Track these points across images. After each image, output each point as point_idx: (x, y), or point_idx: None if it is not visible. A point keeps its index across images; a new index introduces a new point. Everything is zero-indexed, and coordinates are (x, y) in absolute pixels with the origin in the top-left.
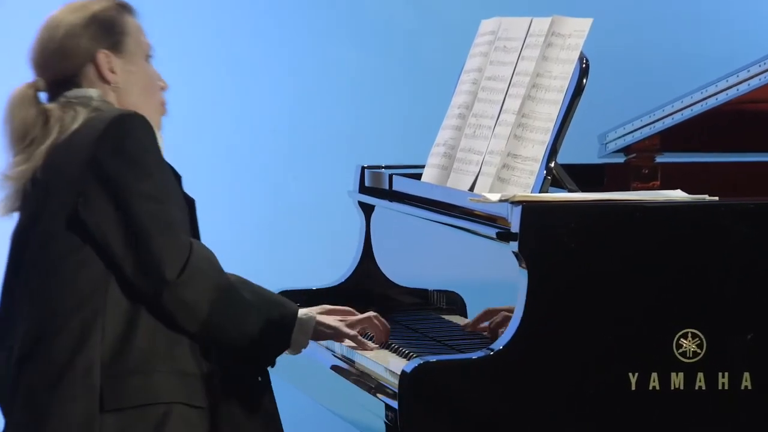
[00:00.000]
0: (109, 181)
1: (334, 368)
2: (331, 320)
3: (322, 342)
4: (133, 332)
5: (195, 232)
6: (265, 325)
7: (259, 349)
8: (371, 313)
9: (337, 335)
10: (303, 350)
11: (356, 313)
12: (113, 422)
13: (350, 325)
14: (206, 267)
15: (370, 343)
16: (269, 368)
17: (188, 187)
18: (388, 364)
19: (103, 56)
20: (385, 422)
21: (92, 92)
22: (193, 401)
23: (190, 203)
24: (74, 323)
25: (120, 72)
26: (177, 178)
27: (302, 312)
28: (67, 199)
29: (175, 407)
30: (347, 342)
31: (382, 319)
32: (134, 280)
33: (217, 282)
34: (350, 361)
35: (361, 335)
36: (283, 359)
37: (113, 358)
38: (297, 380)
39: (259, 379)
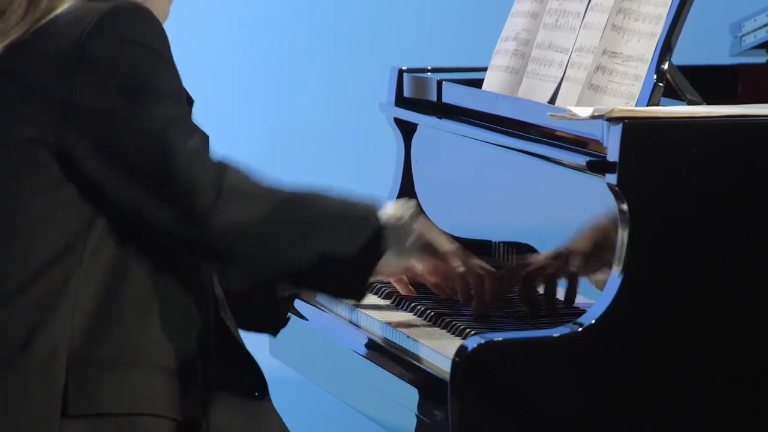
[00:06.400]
0: (104, 89)
1: (360, 351)
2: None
3: (343, 315)
4: (116, 305)
5: None
6: (346, 228)
7: (344, 264)
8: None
9: (446, 256)
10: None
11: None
12: None
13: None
14: (244, 179)
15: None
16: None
17: None
18: (437, 344)
19: None
20: (430, 423)
21: None
22: (185, 414)
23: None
24: (36, 290)
25: None
26: (189, 103)
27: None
28: (40, 114)
29: (160, 423)
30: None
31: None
32: (153, 221)
33: (265, 190)
34: (383, 341)
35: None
36: (287, 342)
37: (85, 342)
38: (309, 368)
39: (256, 394)
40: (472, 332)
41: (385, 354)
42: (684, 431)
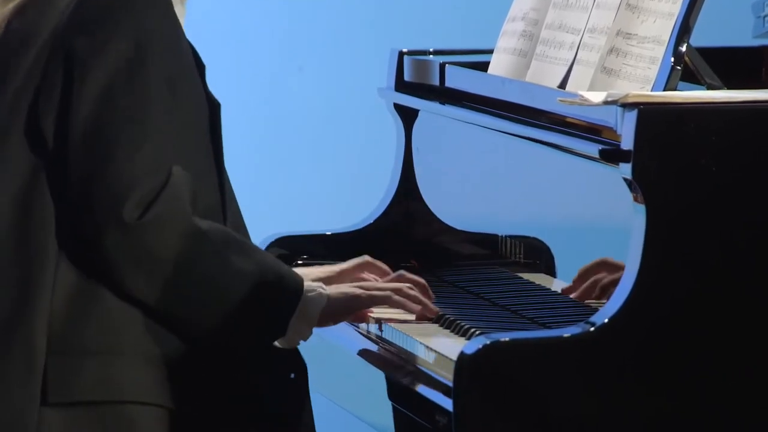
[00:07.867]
0: (74, 61)
1: (361, 353)
2: (345, 288)
3: None
4: (97, 289)
5: (216, 143)
6: (254, 299)
7: (238, 335)
8: (391, 285)
9: (355, 304)
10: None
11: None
12: (57, 421)
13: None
14: (178, 207)
15: (413, 304)
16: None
17: None
18: (439, 346)
19: None
20: (432, 428)
21: None
22: (173, 402)
23: (213, 106)
24: (14, 270)
25: None
26: (199, 68)
27: (313, 285)
28: (27, 81)
29: (148, 411)
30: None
31: (412, 277)
32: (77, 207)
33: (191, 230)
34: (384, 342)
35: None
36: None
37: (66, 328)
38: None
39: (292, 376)
40: (477, 332)
41: (385, 354)
42: None
